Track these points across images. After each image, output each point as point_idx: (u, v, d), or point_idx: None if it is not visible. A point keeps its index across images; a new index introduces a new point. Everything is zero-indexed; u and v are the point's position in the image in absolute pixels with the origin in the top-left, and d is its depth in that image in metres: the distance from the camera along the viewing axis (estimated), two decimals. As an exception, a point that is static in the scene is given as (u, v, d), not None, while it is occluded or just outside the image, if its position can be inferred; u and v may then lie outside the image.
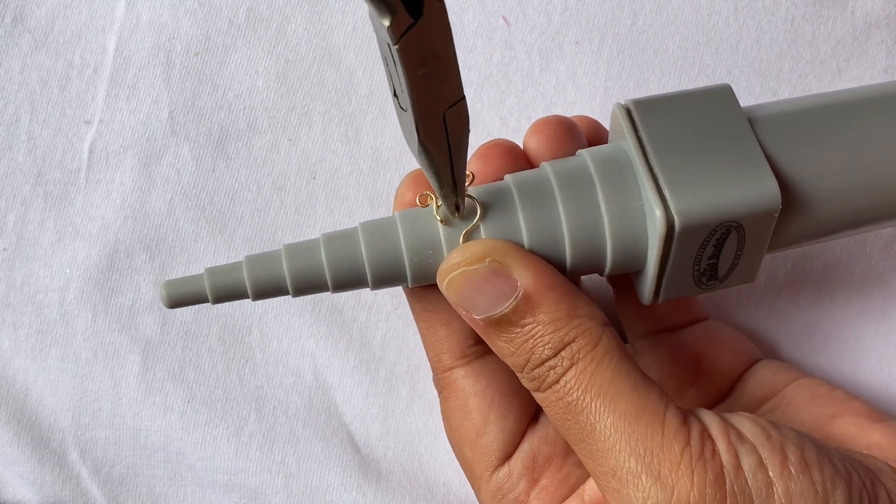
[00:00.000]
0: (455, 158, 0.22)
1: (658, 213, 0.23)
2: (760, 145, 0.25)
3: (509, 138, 0.34)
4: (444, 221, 0.24)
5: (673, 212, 0.23)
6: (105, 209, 0.35)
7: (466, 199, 0.24)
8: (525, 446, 0.27)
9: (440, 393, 0.28)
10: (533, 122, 0.27)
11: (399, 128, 0.34)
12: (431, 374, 0.28)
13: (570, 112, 0.34)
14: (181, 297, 0.24)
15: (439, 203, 0.24)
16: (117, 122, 0.35)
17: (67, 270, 0.35)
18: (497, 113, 0.34)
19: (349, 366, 0.34)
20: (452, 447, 0.29)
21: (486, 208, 0.24)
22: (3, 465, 0.34)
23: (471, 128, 0.22)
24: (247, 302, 0.34)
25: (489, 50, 0.34)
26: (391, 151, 0.35)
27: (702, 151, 0.24)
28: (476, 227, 0.24)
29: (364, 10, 0.35)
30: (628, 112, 0.25)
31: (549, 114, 0.34)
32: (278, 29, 0.35)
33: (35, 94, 0.35)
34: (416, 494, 0.34)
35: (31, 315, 0.35)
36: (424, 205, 0.25)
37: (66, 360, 0.35)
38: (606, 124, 0.29)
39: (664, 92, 0.34)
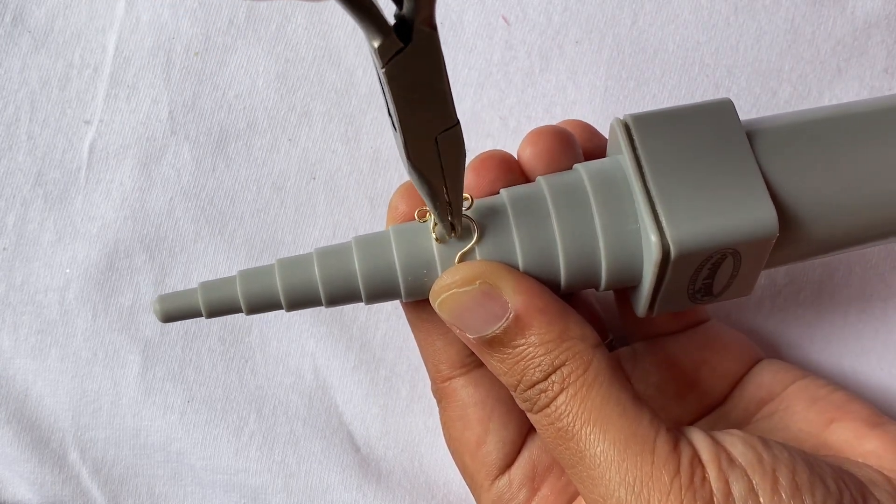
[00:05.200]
0: (450, 182, 0.22)
1: (654, 239, 0.23)
2: (759, 165, 0.24)
3: (509, 138, 0.34)
4: (440, 240, 0.24)
5: (669, 239, 0.23)
6: (105, 209, 0.35)
7: (465, 219, 0.24)
8: (525, 455, 0.27)
9: (439, 403, 0.28)
10: (529, 130, 0.27)
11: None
12: (430, 384, 0.28)
13: (569, 112, 0.34)
14: (175, 312, 0.24)
15: (437, 222, 0.24)
16: (117, 122, 0.35)
17: (67, 270, 0.35)
18: (497, 113, 0.34)
19: (349, 366, 0.34)
20: (452, 456, 0.29)
21: (483, 230, 0.24)
22: (3, 465, 0.34)
23: (471, 128, 0.22)
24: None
25: (489, 50, 0.34)
26: (391, 151, 0.34)
27: (700, 174, 0.24)
28: (472, 250, 0.24)
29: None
30: (626, 128, 0.25)
31: (549, 113, 0.34)
32: (278, 29, 0.35)
33: (35, 94, 0.35)
34: (416, 494, 0.34)
35: (31, 315, 0.35)
36: (423, 219, 0.25)
37: (66, 360, 0.35)
38: (606, 124, 0.28)
39: (663, 92, 0.34)
